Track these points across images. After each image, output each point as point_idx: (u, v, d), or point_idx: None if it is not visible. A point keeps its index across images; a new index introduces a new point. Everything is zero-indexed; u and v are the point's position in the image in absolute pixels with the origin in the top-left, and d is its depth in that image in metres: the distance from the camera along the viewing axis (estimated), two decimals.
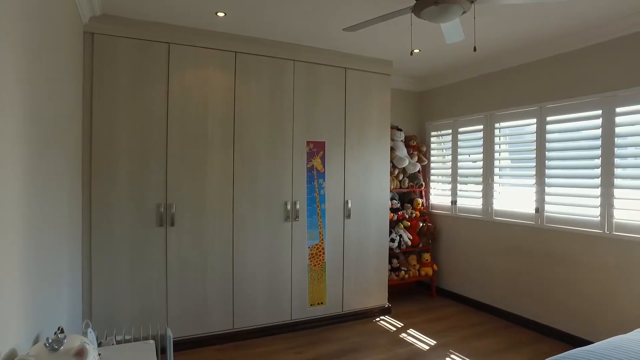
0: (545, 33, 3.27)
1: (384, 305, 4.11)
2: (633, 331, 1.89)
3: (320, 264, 3.75)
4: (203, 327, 3.28)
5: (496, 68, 4.03)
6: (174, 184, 3.16)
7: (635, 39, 2.98)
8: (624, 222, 3.03)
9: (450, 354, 3.19)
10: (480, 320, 3.93)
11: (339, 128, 3.82)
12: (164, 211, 3.12)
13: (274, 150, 3.53)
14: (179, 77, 3.17)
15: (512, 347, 3.33)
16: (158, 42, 3.10)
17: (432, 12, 2.16)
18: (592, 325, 3.22)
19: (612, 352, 1.60)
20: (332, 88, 3.78)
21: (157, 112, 3.11)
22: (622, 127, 3.06)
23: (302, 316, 3.68)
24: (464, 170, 4.45)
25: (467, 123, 4.41)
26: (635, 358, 1.54)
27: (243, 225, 3.41)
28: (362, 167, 3.96)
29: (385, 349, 3.29)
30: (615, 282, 3.08)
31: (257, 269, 3.48)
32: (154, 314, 3.12)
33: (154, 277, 3.11)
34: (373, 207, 4.03)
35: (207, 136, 3.28)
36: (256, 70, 3.45)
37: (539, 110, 3.63)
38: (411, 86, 4.99)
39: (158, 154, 3.12)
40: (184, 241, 3.20)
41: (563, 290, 3.44)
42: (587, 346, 1.70)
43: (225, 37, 3.31)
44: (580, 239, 3.31)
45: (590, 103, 3.26)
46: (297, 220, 3.63)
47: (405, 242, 4.50)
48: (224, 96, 3.34)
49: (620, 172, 3.07)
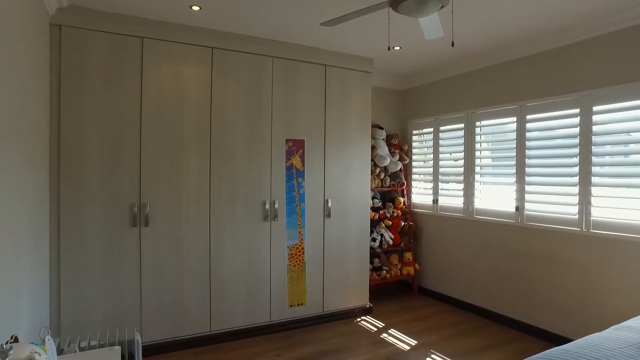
0: (524, 32, 3.27)
1: (365, 306, 4.07)
2: (609, 329, 1.88)
3: (300, 264, 3.69)
4: (179, 330, 3.19)
5: (477, 66, 4.02)
6: (149, 183, 3.06)
7: (610, 39, 2.99)
8: (601, 220, 3.05)
9: (431, 354, 3.17)
10: (461, 319, 3.92)
11: (319, 126, 3.76)
12: (138, 211, 3.02)
13: (252, 149, 3.45)
14: (153, 73, 3.07)
15: (492, 345, 3.32)
16: (131, 36, 3.00)
17: (409, 6, 2.12)
18: (571, 323, 3.23)
19: (589, 351, 1.58)
20: (312, 85, 3.72)
21: (131, 108, 3.00)
22: (599, 125, 3.07)
23: (281, 317, 3.61)
24: (445, 169, 4.44)
25: (448, 121, 4.40)
26: (610, 356, 1.52)
27: (221, 225, 3.33)
28: (342, 165, 3.91)
29: (366, 350, 3.24)
30: (593, 279, 3.09)
31: (235, 269, 3.40)
32: (127, 318, 3.01)
33: (127, 280, 3.01)
34: (354, 206, 3.98)
35: (183, 134, 3.18)
36: (234, 67, 3.37)
37: (519, 109, 3.64)
38: (392, 84, 4.96)
39: (131, 152, 3.01)
40: (158, 242, 3.10)
41: (542, 288, 3.45)
42: (564, 345, 1.68)
43: (202, 32, 3.22)
44: (559, 237, 3.32)
45: (568, 102, 3.27)
46: (276, 219, 3.56)
47: (386, 241, 4.47)
48: (201, 93, 3.25)
49: (597, 170, 3.08)
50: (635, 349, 1.60)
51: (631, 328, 1.84)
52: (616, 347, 1.62)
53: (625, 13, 2.84)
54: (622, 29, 2.92)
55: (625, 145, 2.97)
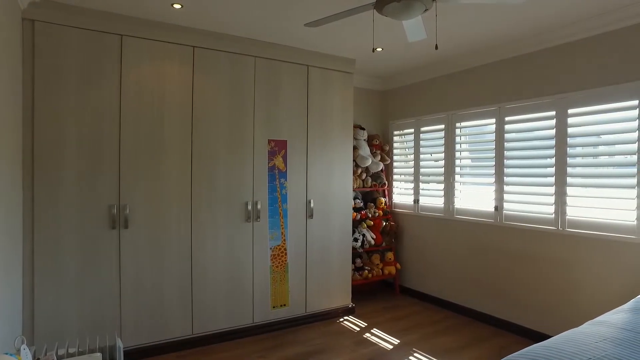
0: (503, 35, 3.35)
1: (347, 306, 4.08)
2: (585, 324, 1.94)
3: (282, 265, 3.67)
4: (160, 334, 3.13)
5: (457, 68, 4.09)
6: (128, 184, 2.99)
7: (583, 44, 3.09)
8: (576, 219, 3.15)
9: (414, 352, 3.20)
10: (442, 317, 3.98)
11: (301, 126, 3.75)
12: (117, 213, 2.95)
13: (234, 149, 3.42)
14: (133, 72, 3.00)
15: (472, 342, 3.38)
16: (109, 33, 2.92)
17: (394, 9, 2.13)
18: (548, 319, 3.32)
19: (567, 346, 1.63)
20: (294, 86, 3.71)
21: (109, 107, 2.93)
22: (574, 127, 3.17)
23: (264, 319, 3.59)
24: (426, 170, 4.50)
25: (429, 122, 4.46)
26: (587, 350, 1.57)
27: (202, 227, 3.28)
28: (324, 166, 3.91)
29: (349, 350, 3.25)
30: (569, 276, 3.19)
31: (217, 271, 3.36)
32: (106, 323, 2.93)
33: (106, 283, 2.93)
34: (336, 206, 3.99)
35: (163, 134, 3.12)
36: (216, 66, 3.33)
37: (498, 111, 3.71)
38: (374, 85, 4.99)
39: (110, 152, 2.93)
40: (139, 244, 3.04)
41: (521, 285, 3.54)
42: (543, 342, 1.72)
43: (183, 30, 3.16)
44: (536, 235, 3.41)
45: (545, 104, 3.36)
46: (259, 220, 3.53)
47: (368, 241, 4.50)
48: (182, 93, 3.19)
49: (571, 171, 3.18)
50: (609, 342, 1.66)
51: (605, 323, 1.90)
52: (592, 341, 1.67)
53: (599, 20, 2.94)
54: (595, 35, 3.02)
55: (594, 147, 3.08)
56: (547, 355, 1.57)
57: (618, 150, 2.93)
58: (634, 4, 2.73)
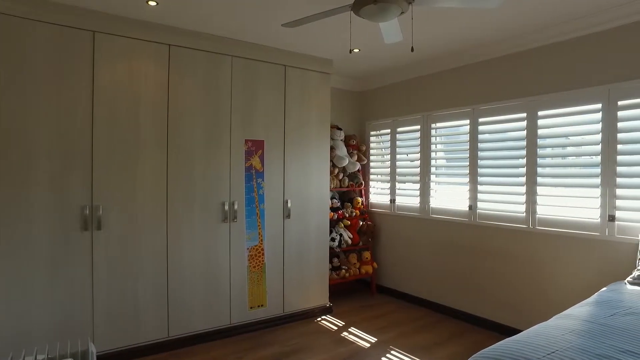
0: (477, 39, 3.43)
1: (325, 305, 4.10)
2: (552, 318, 2.02)
3: (260, 266, 3.66)
4: (135, 337, 3.07)
5: (432, 70, 4.17)
6: (101, 184, 2.92)
7: (550, 49, 3.21)
8: (545, 217, 3.26)
9: (391, 350, 3.25)
10: (418, 315, 4.05)
11: (278, 127, 3.75)
12: (90, 214, 2.87)
13: (211, 149, 3.38)
14: (106, 69, 2.93)
15: (448, 339, 3.46)
16: (81, 29, 2.84)
17: (371, 11, 2.16)
18: (520, 315, 3.43)
19: (536, 339, 1.69)
20: (272, 86, 3.70)
21: (81, 106, 2.85)
22: (543, 129, 3.28)
23: (241, 320, 3.56)
24: (402, 169, 4.56)
25: (405, 123, 4.53)
26: (554, 342, 1.65)
27: (178, 228, 3.24)
28: (301, 166, 3.92)
29: (327, 349, 3.27)
30: (539, 273, 3.30)
31: (194, 272, 3.32)
32: (78, 328, 2.85)
33: (78, 286, 2.85)
34: (313, 206, 4.01)
35: (138, 133, 3.06)
36: (192, 65, 3.29)
37: (472, 112, 3.81)
38: (351, 86, 5.03)
39: (82, 152, 2.86)
40: (112, 245, 2.97)
41: (494, 282, 3.63)
42: (514, 336, 1.78)
43: (158, 28, 3.11)
44: (508, 233, 3.51)
45: (516, 106, 3.46)
46: (235, 221, 3.51)
47: (345, 241, 4.53)
48: (157, 91, 3.14)
49: (541, 170, 3.29)
50: (574, 334, 1.75)
51: (570, 316, 1.99)
52: (559, 334, 1.75)
53: (565, 26, 3.05)
54: (562, 40, 3.14)
55: (565, 148, 3.20)
56: (518, 348, 1.62)
57: (584, 151, 3.05)
58: (596, 14, 2.86)
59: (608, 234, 2.90)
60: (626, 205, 2.84)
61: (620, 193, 2.86)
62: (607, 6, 2.77)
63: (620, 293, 2.33)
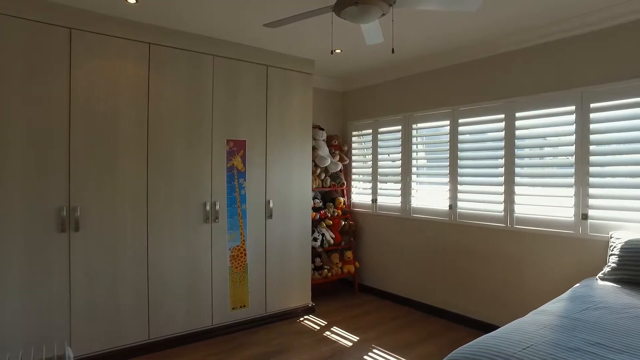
0: (456, 41, 3.49)
1: (307, 305, 4.11)
2: (529, 314, 2.08)
3: (242, 266, 3.64)
4: (115, 341, 3.02)
5: (414, 71, 4.22)
6: (79, 185, 2.86)
7: (528, 52, 3.29)
8: (523, 216, 3.34)
9: (373, 349, 3.28)
10: (400, 314, 4.09)
11: (260, 127, 3.74)
12: (67, 215, 2.81)
13: (192, 149, 3.35)
14: (84, 68, 2.88)
15: (429, 336, 3.51)
16: (57, 26, 2.78)
17: (352, 12, 2.18)
18: (500, 311, 3.50)
19: (512, 335, 1.74)
20: (254, 86, 3.69)
21: (58, 105, 2.79)
22: (521, 130, 3.36)
23: (223, 321, 3.54)
24: (383, 170, 4.61)
25: (386, 123, 4.57)
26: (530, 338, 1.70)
27: (159, 228, 3.20)
28: (283, 166, 3.92)
29: (309, 349, 3.28)
30: (517, 270, 3.38)
31: (175, 274, 3.28)
32: (55, 332, 2.79)
33: (55, 290, 2.79)
34: (295, 206, 4.01)
35: (117, 132, 3.01)
36: (173, 64, 3.25)
37: (452, 113, 3.87)
38: (333, 86, 5.05)
39: (59, 152, 2.79)
40: (91, 247, 2.91)
41: (474, 280, 3.70)
42: (492, 332, 1.82)
43: (138, 26, 3.07)
44: (487, 232, 3.58)
45: (495, 107, 3.54)
46: (217, 221, 3.49)
47: (327, 240, 4.55)
48: (137, 91, 3.10)
49: (519, 170, 3.37)
50: (549, 329, 1.81)
51: (546, 312, 2.06)
52: (535, 329, 1.80)
53: (541, 31, 3.14)
54: (539, 43, 3.22)
55: (542, 149, 3.28)
56: (495, 344, 1.66)
57: (560, 152, 3.14)
58: (570, 19, 2.95)
59: (581, 232, 2.99)
60: (598, 204, 2.93)
61: (593, 192, 2.95)
62: (579, 13, 2.86)
63: (591, 288, 2.41)
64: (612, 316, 1.93)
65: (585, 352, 1.55)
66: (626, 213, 2.80)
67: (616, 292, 2.32)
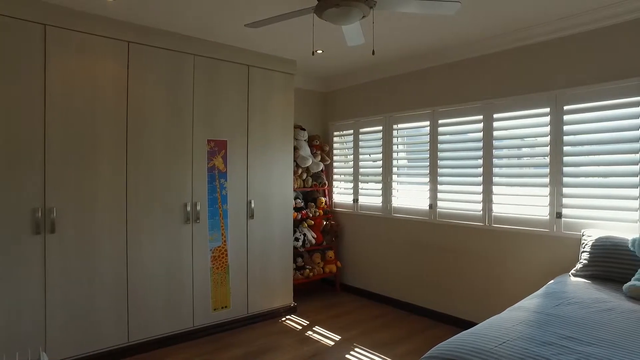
0: (435, 43, 3.55)
1: (289, 305, 4.11)
2: (505, 310, 2.14)
3: (223, 267, 3.62)
4: (93, 344, 2.96)
5: (394, 72, 4.27)
6: (55, 186, 2.80)
7: (505, 55, 3.37)
8: (500, 215, 3.42)
9: (354, 347, 3.30)
10: (381, 313, 4.14)
11: (241, 127, 3.73)
12: (42, 217, 2.75)
13: (172, 149, 3.32)
14: (59, 66, 2.81)
15: (410, 334, 3.56)
16: (30, 22, 2.70)
17: (333, 14, 2.20)
18: (479, 308, 3.58)
19: (489, 331, 1.79)
20: (235, 85, 3.68)
21: (32, 104, 2.72)
22: (498, 131, 3.44)
23: (205, 322, 3.52)
24: (365, 170, 4.65)
25: (367, 124, 4.61)
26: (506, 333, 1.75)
27: (138, 229, 3.15)
28: (265, 166, 3.91)
29: (291, 349, 3.29)
30: (495, 268, 3.46)
31: (155, 275, 3.24)
32: (29, 337, 2.71)
33: (29, 293, 2.71)
34: (277, 206, 4.01)
35: (95, 132, 2.96)
36: (152, 63, 3.21)
37: (432, 114, 3.93)
38: (315, 86, 5.07)
39: (34, 152, 2.72)
40: (67, 250, 2.85)
41: (453, 278, 3.77)
42: (470, 329, 1.87)
43: (117, 24, 3.02)
44: (466, 231, 3.66)
45: (473, 109, 3.61)
46: (198, 222, 3.46)
47: (309, 240, 4.56)
48: (116, 90, 3.05)
49: (497, 170, 3.45)
50: (524, 324, 1.87)
51: (521, 308, 2.12)
52: (510, 325, 1.86)
53: (516, 34, 3.22)
54: (516, 47, 3.30)
55: (519, 149, 3.37)
56: (473, 340, 1.71)
57: (535, 153, 3.23)
58: (543, 25, 3.04)
59: (556, 230, 3.09)
60: (571, 203, 3.03)
61: (567, 192, 3.05)
62: (553, 18, 2.95)
63: (564, 285, 2.49)
64: (583, 311, 2.01)
65: (558, 346, 1.61)
66: (597, 211, 2.90)
67: (587, 287, 2.41)
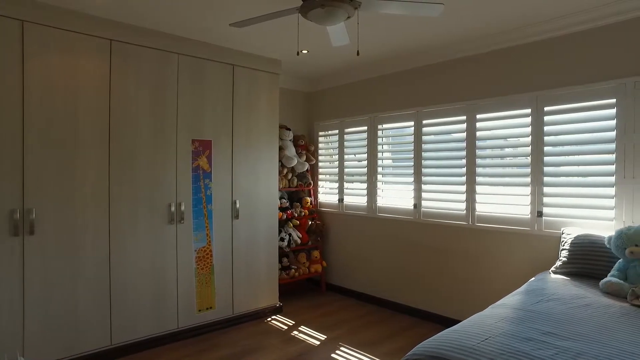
0: (419, 44, 3.59)
1: (275, 305, 4.11)
2: (488, 308, 2.18)
3: (208, 267, 3.60)
4: (74, 348, 2.90)
5: (379, 73, 4.30)
6: (34, 186, 2.74)
7: (487, 57, 3.43)
8: (483, 214, 3.48)
9: (340, 347, 3.32)
10: (366, 312, 4.16)
11: (226, 126, 3.70)
12: (20, 218, 2.68)
13: (156, 149, 3.28)
14: (38, 63, 2.75)
15: (395, 333, 3.58)
16: (7, 17, 2.63)
17: (318, 15, 2.20)
18: (463, 307, 3.63)
19: (472, 328, 1.82)
20: (220, 85, 3.65)
21: (9, 102, 2.65)
22: (481, 131, 3.50)
23: (189, 323, 3.49)
24: (350, 169, 4.67)
25: (352, 124, 4.63)
26: (488, 330, 1.78)
27: (122, 230, 3.11)
28: (250, 166, 3.90)
29: (277, 349, 3.28)
30: (478, 266, 3.52)
31: (138, 277, 3.20)
32: (6, 341, 2.63)
33: (5, 297, 2.64)
34: (262, 206, 4.00)
35: (77, 132, 2.90)
36: (136, 62, 3.17)
37: (416, 114, 3.97)
38: (300, 86, 5.07)
39: (11, 152, 2.66)
40: (47, 251, 2.79)
41: (437, 277, 3.82)
42: (453, 327, 1.90)
43: (99, 21, 2.97)
44: (450, 230, 3.70)
45: (456, 109, 3.66)
46: (182, 222, 3.43)
47: (294, 240, 4.56)
48: (98, 88, 3.00)
49: (480, 170, 3.50)
50: (506, 321, 1.90)
51: (503, 305, 2.16)
52: (492, 322, 1.89)
53: (500, 37, 3.28)
54: (497, 49, 3.36)
55: (501, 149, 3.43)
56: (456, 338, 1.73)
57: (517, 153, 3.29)
58: (524, 27, 3.10)
59: (537, 229, 3.15)
60: (551, 202, 3.10)
61: (547, 191, 3.11)
62: (533, 21, 3.01)
63: (545, 282, 2.55)
64: (562, 307, 2.06)
65: (538, 341, 1.64)
66: (576, 210, 2.97)
67: (566, 284, 2.47)
